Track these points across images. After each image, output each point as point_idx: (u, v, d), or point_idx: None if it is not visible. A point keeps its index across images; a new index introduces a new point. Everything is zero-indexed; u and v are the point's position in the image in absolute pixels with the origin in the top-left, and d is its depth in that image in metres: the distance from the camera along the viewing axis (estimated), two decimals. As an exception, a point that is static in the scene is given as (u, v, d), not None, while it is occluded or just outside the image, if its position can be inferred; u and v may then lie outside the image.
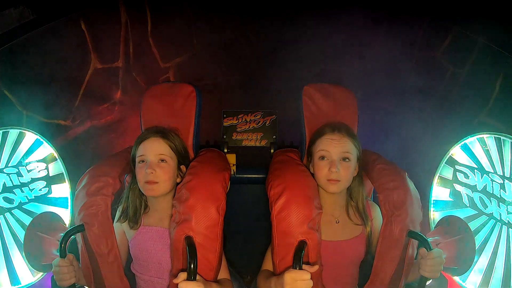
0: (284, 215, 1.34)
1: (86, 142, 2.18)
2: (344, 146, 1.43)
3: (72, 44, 2.12)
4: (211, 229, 1.33)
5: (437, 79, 2.24)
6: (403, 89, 2.33)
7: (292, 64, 2.38)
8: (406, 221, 1.39)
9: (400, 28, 2.28)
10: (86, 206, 1.41)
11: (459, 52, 2.15)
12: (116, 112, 2.29)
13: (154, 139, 1.45)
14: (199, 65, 2.35)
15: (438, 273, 1.35)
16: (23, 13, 1.76)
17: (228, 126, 2.05)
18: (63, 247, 1.34)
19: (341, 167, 1.41)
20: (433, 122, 2.27)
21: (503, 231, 1.60)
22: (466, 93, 2.15)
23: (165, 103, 1.62)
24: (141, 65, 2.30)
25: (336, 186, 1.42)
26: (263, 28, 2.35)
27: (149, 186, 1.41)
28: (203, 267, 1.32)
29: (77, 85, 2.17)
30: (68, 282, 1.34)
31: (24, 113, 2.00)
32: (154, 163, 1.42)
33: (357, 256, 1.50)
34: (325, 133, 1.47)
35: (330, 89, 1.64)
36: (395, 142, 2.33)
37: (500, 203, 1.60)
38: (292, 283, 1.20)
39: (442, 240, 1.50)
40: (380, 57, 2.34)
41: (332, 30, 2.33)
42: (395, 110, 2.36)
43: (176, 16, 2.29)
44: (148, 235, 1.48)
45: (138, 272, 1.50)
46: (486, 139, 1.67)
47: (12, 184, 1.72)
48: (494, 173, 1.63)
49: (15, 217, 1.73)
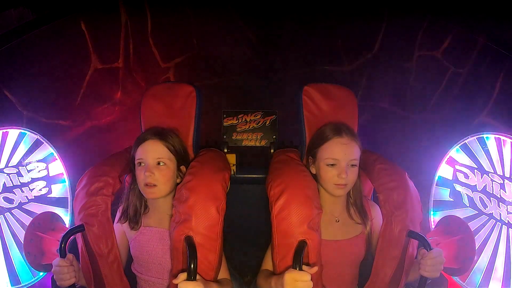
0: (284, 215, 1.34)
1: (86, 142, 2.19)
2: (352, 153, 1.42)
3: (72, 44, 2.12)
4: (211, 229, 1.33)
5: (437, 79, 2.24)
6: (403, 89, 2.33)
7: (292, 64, 2.39)
8: (406, 221, 1.39)
9: (400, 28, 2.28)
10: (86, 206, 1.41)
11: (459, 52, 2.15)
12: (116, 112, 2.29)
13: (152, 141, 1.45)
14: (199, 65, 2.35)
15: (438, 273, 1.35)
16: (23, 13, 1.76)
17: (228, 126, 2.04)
18: (63, 247, 1.34)
19: (349, 172, 1.41)
20: (433, 122, 2.27)
21: (503, 231, 1.60)
22: (466, 93, 2.15)
23: (165, 103, 1.62)
24: (141, 65, 2.30)
25: (343, 191, 1.43)
26: (263, 28, 2.35)
27: (149, 189, 1.41)
28: (203, 267, 1.32)
29: (77, 85, 2.17)
30: (68, 282, 1.34)
31: (24, 113, 2.00)
32: (153, 166, 1.42)
33: (357, 256, 1.50)
34: (332, 136, 1.45)
35: (330, 89, 1.64)
36: (395, 142, 2.33)
37: (500, 203, 1.60)
38: (292, 283, 1.20)
39: (442, 240, 1.50)
40: (380, 57, 2.34)
41: (332, 30, 2.33)
42: (395, 110, 2.36)
43: (176, 16, 2.29)
44: (148, 235, 1.48)
45: (139, 272, 1.50)
46: (486, 139, 1.67)
47: (12, 184, 1.72)
48: (494, 173, 1.63)
49: (15, 217, 1.73)
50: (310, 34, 2.33)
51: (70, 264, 1.34)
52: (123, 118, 2.28)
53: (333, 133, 1.45)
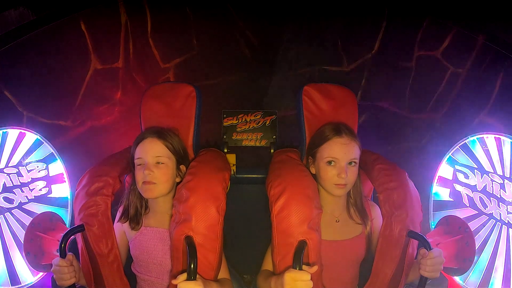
0: (284, 215, 1.34)
1: (86, 142, 2.19)
2: (352, 153, 1.42)
3: (72, 44, 2.12)
4: (211, 229, 1.33)
5: (437, 79, 2.24)
6: (403, 89, 2.33)
7: (292, 64, 2.39)
8: (406, 221, 1.39)
9: (400, 28, 2.28)
10: (86, 206, 1.41)
11: (459, 52, 2.15)
12: (116, 113, 2.29)
13: (151, 140, 1.44)
14: (199, 65, 2.35)
15: (438, 273, 1.35)
16: (23, 13, 1.77)
17: (228, 126, 2.04)
18: (63, 247, 1.34)
19: (349, 171, 1.41)
20: (433, 122, 2.27)
21: (503, 231, 1.60)
22: (466, 93, 2.15)
23: (165, 103, 1.62)
24: (141, 66, 2.29)
25: (343, 190, 1.44)
26: (263, 28, 2.35)
27: (147, 187, 1.40)
28: (203, 267, 1.32)
29: (77, 85, 2.17)
30: (68, 282, 1.34)
31: (24, 113, 2.00)
32: (152, 164, 1.41)
33: (357, 256, 1.50)
34: (332, 136, 1.45)
35: (330, 89, 1.64)
36: (395, 142, 2.33)
37: (500, 203, 1.60)
38: (292, 283, 1.20)
39: (442, 240, 1.50)
40: (380, 57, 2.34)
41: (332, 30, 2.33)
42: (395, 110, 2.36)
43: (176, 16, 2.29)
44: (148, 236, 1.48)
45: (139, 272, 1.50)
46: (486, 139, 1.67)
47: (12, 184, 1.72)
48: (494, 173, 1.63)
49: (15, 217, 1.73)
50: (310, 34, 2.33)
51: (70, 264, 1.34)
52: (123, 118, 2.28)
53: (333, 133, 1.45)
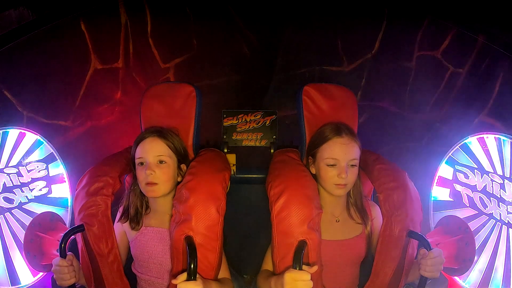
0: (284, 215, 1.34)
1: (86, 142, 2.19)
2: (352, 153, 1.42)
3: (72, 45, 2.12)
4: (211, 229, 1.33)
5: (437, 79, 2.24)
6: (403, 89, 2.34)
7: (292, 64, 2.39)
8: (406, 221, 1.40)
9: (400, 28, 2.28)
10: (86, 206, 1.41)
11: (458, 52, 2.15)
12: (116, 113, 2.29)
13: (151, 139, 1.45)
14: (199, 65, 2.35)
15: (438, 273, 1.35)
16: (23, 14, 1.76)
17: (228, 126, 2.04)
18: (63, 247, 1.34)
19: (349, 171, 1.41)
20: (433, 122, 2.27)
21: (503, 231, 1.60)
22: (466, 93, 2.15)
23: (165, 103, 1.62)
24: (141, 66, 2.29)
25: (343, 190, 1.44)
26: (263, 28, 2.35)
27: (150, 188, 1.41)
28: (203, 267, 1.32)
29: (77, 86, 2.17)
30: (68, 282, 1.34)
31: (24, 113, 2.00)
32: (153, 164, 1.42)
33: (357, 256, 1.50)
34: (332, 137, 1.45)
35: (330, 89, 1.64)
36: (395, 142, 2.33)
37: (500, 203, 1.60)
38: (292, 283, 1.20)
39: (442, 240, 1.50)
40: (380, 57, 2.34)
41: (332, 30, 2.33)
42: (395, 110, 2.36)
43: (176, 16, 2.29)
44: (149, 235, 1.48)
45: (139, 272, 1.50)
46: (486, 139, 1.67)
47: (12, 184, 1.72)
48: (494, 173, 1.63)
49: (15, 217, 1.73)
50: (310, 33, 2.33)
51: (70, 264, 1.34)
52: (123, 119, 2.28)
53: (333, 133, 1.45)
